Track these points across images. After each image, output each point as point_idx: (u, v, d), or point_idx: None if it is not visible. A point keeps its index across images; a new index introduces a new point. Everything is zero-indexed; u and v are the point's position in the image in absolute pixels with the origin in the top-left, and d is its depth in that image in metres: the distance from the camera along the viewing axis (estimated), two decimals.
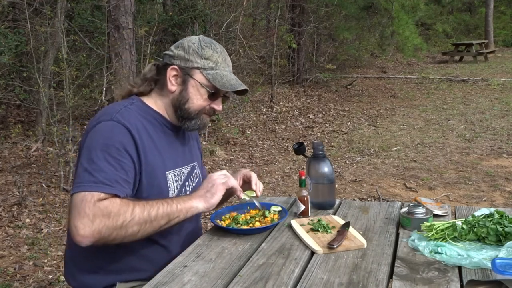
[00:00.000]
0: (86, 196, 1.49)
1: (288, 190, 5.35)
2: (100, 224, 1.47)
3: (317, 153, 1.98)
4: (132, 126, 1.63)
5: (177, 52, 1.75)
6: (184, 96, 1.73)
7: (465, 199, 4.87)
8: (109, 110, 1.68)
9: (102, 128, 1.61)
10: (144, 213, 1.53)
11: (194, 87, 1.73)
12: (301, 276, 1.42)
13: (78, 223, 1.46)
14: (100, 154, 1.55)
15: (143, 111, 1.73)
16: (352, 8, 12.21)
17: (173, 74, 1.74)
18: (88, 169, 1.54)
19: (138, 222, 1.52)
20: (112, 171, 1.54)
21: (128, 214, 1.51)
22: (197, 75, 1.73)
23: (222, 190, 1.67)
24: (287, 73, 11.85)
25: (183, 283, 1.41)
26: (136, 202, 1.55)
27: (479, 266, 1.42)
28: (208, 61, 1.73)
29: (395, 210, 1.95)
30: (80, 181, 1.53)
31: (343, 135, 7.86)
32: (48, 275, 3.57)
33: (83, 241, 1.47)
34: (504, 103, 9.53)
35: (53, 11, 6.18)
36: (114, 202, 1.51)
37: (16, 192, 4.95)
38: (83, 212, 1.47)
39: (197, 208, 1.64)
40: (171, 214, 1.59)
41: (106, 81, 5.72)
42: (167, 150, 1.75)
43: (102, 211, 1.48)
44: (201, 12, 8.12)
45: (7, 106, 7.15)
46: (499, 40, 20.24)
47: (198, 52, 1.73)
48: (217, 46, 1.78)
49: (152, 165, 1.67)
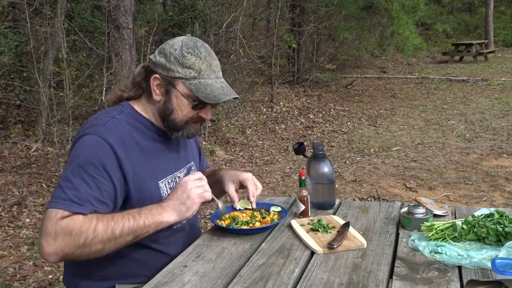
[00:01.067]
0: (51, 213, 1.48)
1: (288, 190, 5.35)
2: (62, 242, 1.45)
3: (317, 153, 1.98)
4: (117, 142, 1.58)
5: (159, 59, 1.66)
6: (168, 107, 1.66)
7: (465, 199, 4.87)
8: (96, 121, 1.63)
9: (86, 142, 1.57)
10: (108, 231, 1.49)
11: (177, 98, 1.65)
12: (301, 276, 1.42)
13: (42, 241, 1.46)
14: (76, 170, 1.53)
15: (133, 119, 1.68)
16: (352, 8, 12.21)
17: (156, 84, 1.67)
18: (62, 185, 1.52)
19: (102, 240, 1.49)
20: (86, 190, 1.51)
21: (90, 232, 1.47)
22: (180, 85, 1.64)
23: (197, 204, 1.60)
24: (287, 73, 11.86)
25: (183, 283, 1.41)
26: (100, 218, 1.50)
27: (479, 266, 1.42)
28: (190, 70, 1.63)
29: (395, 210, 1.95)
30: (53, 196, 1.52)
31: (343, 135, 7.86)
32: (48, 275, 3.57)
33: (49, 258, 1.48)
34: (504, 103, 9.53)
35: (53, 11, 6.18)
36: (76, 220, 1.47)
37: (16, 192, 4.95)
38: (46, 230, 1.46)
39: (168, 222, 1.58)
40: (138, 230, 1.54)
41: (106, 81, 5.71)
42: (158, 158, 1.71)
43: (63, 230, 1.45)
44: (201, 12, 8.12)
45: (7, 106, 7.15)
46: (499, 40, 20.25)
47: (179, 60, 1.63)
48: (202, 50, 1.65)
49: (142, 178, 1.63)
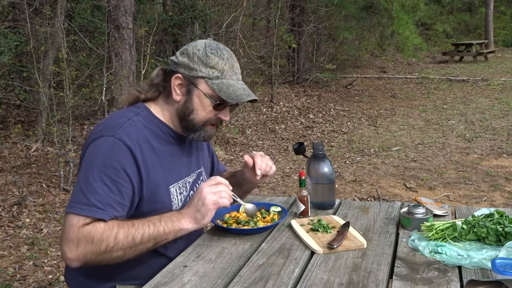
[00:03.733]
0: (73, 220, 1.49)
1: (288, 190, 5.35)
2: (84, 249, 1.47)
3: (317, 153, 1.98)
4: (134, 144, 1.58)
5: (182, 59, 1.67)
6: (188, 107, 1.66)
7: (465, 199, 4.87)
8: (112, 123, 1.62)
9: (102, 145, 1.56)
10: (128, 238, 1.51)
11: (198, 97, 1.65)
12: (301, 276, 1.42)
13: (64, 247, 1.49)
14: (97, 174, 1.52)
15: (148, 122, 1.68)
16: (352, 8, 12.21)
17: (178, 83, 1.67)
18: (83, 189, 1.52)
19: (122, 247, 1.50)
20: (107, 194, 1.52)
21: (111, 239, 1.49)
22: (202, 84, 1.65)
23: (213, 211, 1.60)
24: (287, 73, 11.86)
25: (183, 283, 1.41)
26: (121, 225, 1.52)
27: (479, 266, 1.42)
28: (213, 69, 1.64)
29: (395, 210, 1.95)
30: (74, 201, 1.52)
31: (343, 135, 7.86)
32: (48, 275, 3.57)
33: (71, 264, 1.50)
34: (504, 103, 9.53)
35: (53, 11, 6.18)
36: (97, 227, 1.49)
37: (16, 192, 4.95)
38: (68, 236, 1.48)
39: (187, 230, 1.60)
40: (158, 237, 1.55)
41: (106, 81, 5.72)
42: (171, 162, 1.71)
43: (85, 237, 1.47)
44: (201, 12, 8.12)
45: (7, 106, 7.16)
46: (499, 40, 20.25)
47: (203, 60, 1.64)
48: (224, 52, 1.68)
49: (154, 181, 1.63)
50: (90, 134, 1.66)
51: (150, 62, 6.68)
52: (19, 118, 7.39)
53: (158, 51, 8.64)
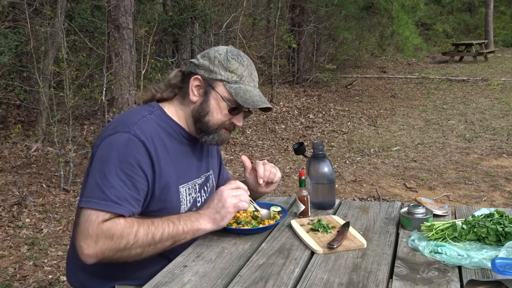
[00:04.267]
0: (91, 215, 1.49)
1: (288, 190, 5.35)
2: (103, 246, 1.47)
3: (317, 153, 1.98)
4: (148, 140, 1.59)
5: (202, 61, 1.69)
6: (204, 108, 1.68)
7: (465, 199, 4.87)
8: (127, 120, 1.63)
9: (118, 141, 1.57)
10: (148, 236, 1.52)
11: (215, 99, 1.67)
12: (301, 276, 1.42)
13: (82, 243, 1.48)
14: (113, 169, 1.52)
15: (162, 121, 1.69)
16: (352, 8, 12.21)
17: (196, 84, 1.69)
18: (99, 183, 1.52)
19: (142, 245, 1.51)
20: (123, 189, 1.52)
21: (131, 236, 1.49)
22: (220, 87, 1.66)
23: (232, 214, 1.62)
24: (287, 73, 11.86)
25: (183, 283, 1.41)
26: (141, 223, 1.52)
27: (479, 266, 1.42)
28: (232, 74, 1.66)
29: (395, 210, 1.94)
30: (90, 196, 1.51)
31: (343, 135, 7.86)
32: (48, 275, 3.57)
33: (88, 260, 1.50)
34: (504, 103, 9.53)
35: (53, 11, 6.18)
36: (118, 224, 1.49)
37: (16, 192, 4.95)
38: (87, 232, 1.48)
39: (205, 230, 1.61)
40: (177, 236, 1.57)
41: (106, 81, 5.71)
42: (182, 162, 1.72)
43: (105, 233, 1.47)
44: (201, 12, 8.13)
45: (7, 106, 7.16)
46: (499, 40, 20.25)
47: (224, 64, 1.66)
48: (245, 59, 1.70)
49: (165, 179, 1.64)
50: (104, 130, 1.67)
51: (150, 62, 6.69)
52: (19, 118, 7.40)
53: (158, 51, 8.64)
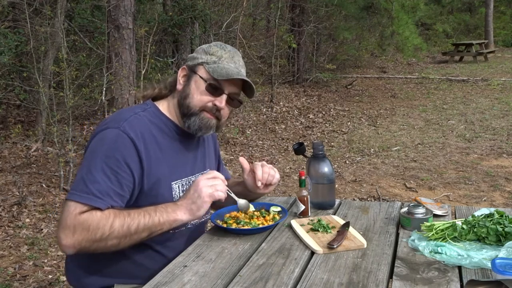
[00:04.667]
0: (71, 207, 1.52)
1: (288, 190, 5.35)
2: (79, 236, 1.50)
3: (317, 153, 1.98)
4: (137, 137, 1.61)
5: (191, 55, 1.78)
6: (185, 90, 1.73)
7: (465, 199, 4.87)
8: (119, 116, 1.67)
9: (107, 136, 1.60)
10: (124, 227, 1.54)
11: (195, 82, 1.72)
12: (301, 276, 1.42)
13: (61, 233, 1.51)
14: (99, 164, 1.56)
15: (154, 117, 1.72)
16: (352, 8, 12.21)
17: (182, 74, 1.76)
18: (84, 177, 1.55)
19: (117, 236, 1.53)
20: (106, 183, 1.55)
21: (106, 228, 1.51)
22: (200, 70, 1.72)
23: (208, 203, 1.63)
24: (287, 73, 11.86)
25: (183, 283, 1.41)
26: (117, 214, 1.55)
27: (479, 266, 1.42)
28: (212, 56, 1.72)
29: (395, 210, 1.94)
30: (74, 189, 1.55)
31: (343, 135, 7.86)
32: (48, 275, 3.57)
33: (66, 250, 1.53)
34: (504, 103, 9.53)
35: (53, 11, 6.18)
36: (94, 215, 1.52)
37: (16, 192, 4.95)
38: (65, 223, 1.51)
39: (181, 221, 1.63)
40: (153, 227, 1.58)
41: (106, 81, 5.72)
42: (175, 158, 1.73)
43: (81, 224, 1.50)
44: (201, 12, 8.13)
45: (7, 106, 7.16)
46: (499, 40, 20.25)
47: (205, 49, 1.75)
48: (229, 47, 1.77)
49: (156, 176, 1.66)
50: (98, 125, 1.71)
51: (150, 62, 6.69)
52: (19, 118, 7.39)
53: (158, 51, 8.64)
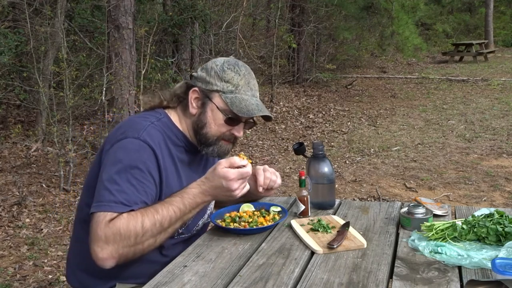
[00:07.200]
0: (99, 217, 1.48)
1: (288, 190, 5.35)
2: (114, 244, 1.46)
3: (317, 153, 1.98)
4: (157, 147, 1.61)
5: (200, 73, 1.72)
6: (202, 120, 1.69)
7: (465, 199, 4.87)
8: (136, 125, 1.64)
9: (128, 146, 1.58)
10: (156, 225, 1.52)
11: (212, 111, 1.68)
12: (301, 276, 1.42)
13: (95, 246, 1.47)
14: (124, 174, 1.54)
15: (168, 129, 1.70)
16: (352, 8, 12.21)
17: (195, 97, 1.71)
18: (109, 188, 1.52)
19: (152, 234, 1.51)
20: (134, 193, 1.53)
21: (138, 228, 1.49)
22: (216, 98, 1.68)
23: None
24: (287, 73, 11.86)
25: (183, 283, 1.41)
26: (145, 213, 1.51)
27: (479, 266, 1.42)
28: (228, 84, 1.67)
29: (395, 210, 1.94)
30: (100, 200, 1.52)
31: (343, 135, 7.86)
32: (48, 275, 3.57)
33: (105, 264, 1.48)
34: (504, 103, 9.53)
35: (53, 11, 6.18)
36: (122, 219, 1.48)
37: (16, 192, 4.95)
38: (97, 235, 1.47)
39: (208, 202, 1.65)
40: (185, 217, 1.59)
41: (106, 81, 5.71)
42: (186, 170, 1.74)
43: (112, 231, 1.46)
44: (201, 12, 8.13)
45: (7, 106, 7.16)
46: (499, 40, 20.24)
47: (219, 74, 1.68)
48: (242, 68, 1.71)
49: (171, 187, 1.66)
50: (112, 134, 1.67)
51: (150, 62, 6.68)
52: (19, 118, 7.39)
53: (158, 51, 8.63)
